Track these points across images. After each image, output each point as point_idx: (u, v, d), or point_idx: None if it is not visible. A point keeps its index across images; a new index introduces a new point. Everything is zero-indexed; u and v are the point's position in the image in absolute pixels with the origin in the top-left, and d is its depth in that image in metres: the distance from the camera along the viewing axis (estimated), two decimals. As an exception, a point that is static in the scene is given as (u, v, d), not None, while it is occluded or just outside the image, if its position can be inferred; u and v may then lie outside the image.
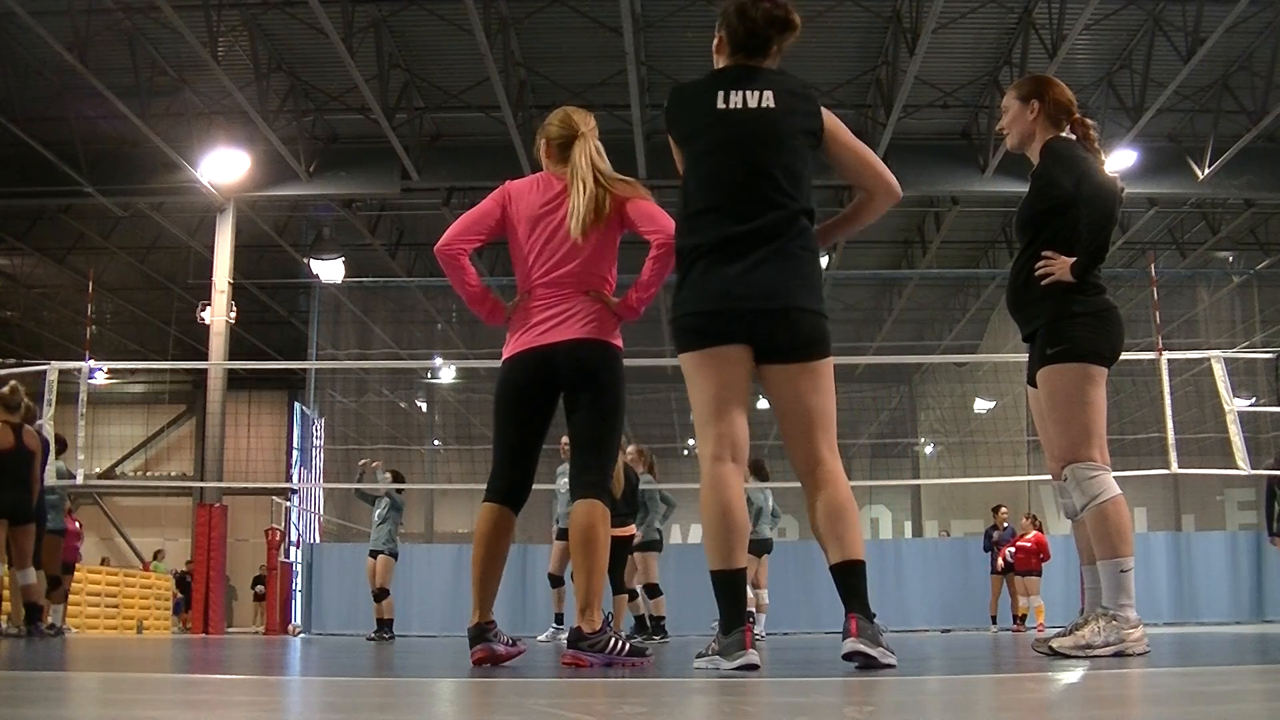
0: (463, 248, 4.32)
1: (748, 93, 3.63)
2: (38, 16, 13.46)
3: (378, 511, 11.96)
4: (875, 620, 3.48)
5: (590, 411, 4.22)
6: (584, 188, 4.19)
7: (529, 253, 4.29)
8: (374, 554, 11.91)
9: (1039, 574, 15.19)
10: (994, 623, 15.45)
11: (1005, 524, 15.89)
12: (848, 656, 3.40)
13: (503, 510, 4.28)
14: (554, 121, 4.40)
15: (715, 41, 3.76)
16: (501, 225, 4.37)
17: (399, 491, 12.27)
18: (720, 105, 3.63)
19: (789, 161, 3.62)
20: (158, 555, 25.93)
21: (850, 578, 3.49)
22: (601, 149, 4.32)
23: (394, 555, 11.94)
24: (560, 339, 4.18)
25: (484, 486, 4.37)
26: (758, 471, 11.62)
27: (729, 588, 3.54)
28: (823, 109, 3.75)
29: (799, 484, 3.71)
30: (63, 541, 12.45)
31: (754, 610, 11.19)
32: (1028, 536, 15.38)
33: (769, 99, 3.63)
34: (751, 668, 3.43)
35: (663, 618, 10.99)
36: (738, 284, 3.52)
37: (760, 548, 11.24)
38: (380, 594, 11.94)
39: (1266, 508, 12.17)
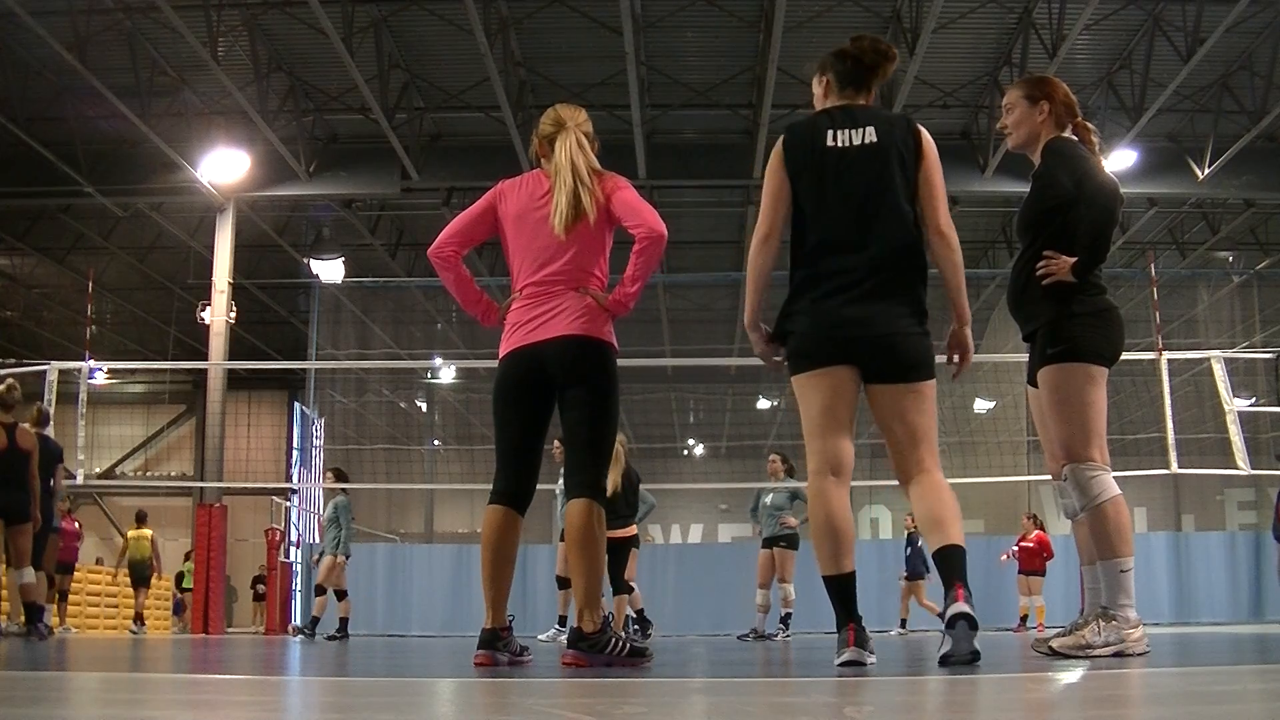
0: (455, 250, 4.32)
1: (852, 131, 3.85)
2: (38, 16, 13.44)
3: (326, 513, 12.01)
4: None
5: (582, 410, 4.19)
6: (565, 184, 4.18)
7: (518, 251, 4.28)
8: (324, 555, 11.94)
9: (1042, 574, 15.18)
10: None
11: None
12: (954, 618, 3.52)
13: (507, 512, 4.25)
14: (545, 119, 4.40)
15: (822, 86, 3.99)
16: (494, 225, 4.36)
17: (344, 492, 12.29)
18: (829, 143, 3.85)
19: (892, 195, 3.80)
20: (189, 558, 25.67)
21: (952, 559, 3.66)
22: (585, 143, 4.28)
23: (344, 556, 11.91)
24: (549, 336, 4.16)
25: (484, 486, 4.36)
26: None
27: (837, 590, 3.77)
28: (922, 132, 3.91)
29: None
30: (59, 541, 12.46)
31: (785, 609, 11.15)
32: (1030, 537, 15.38)
33: (871, 134, 3.84)
34: (855, 665, 3.59)
35: (640, 610, 10.91)
36: (843, 316, 3.75)
37: (771, 542, 11.17)
38: (329, 592, 11.94)
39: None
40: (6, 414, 9.21)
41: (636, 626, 10.98)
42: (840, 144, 3.83)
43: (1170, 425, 12.67)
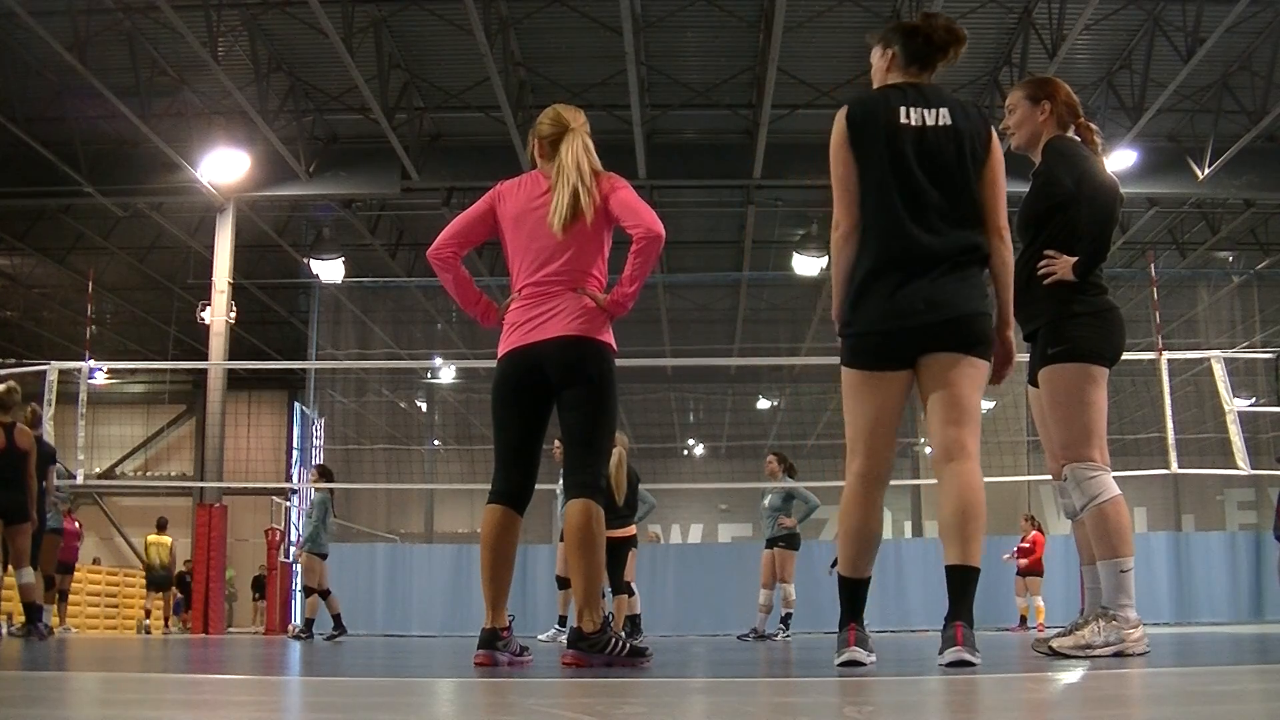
0: (454, 251, 4.33)
1: (926, 110, 3.69)
2: (38, 16, 13.44)
3: (305, 509, 11.94)
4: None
5: (580, 410, 4.19)
6: (567, 183, 4.18)
7: (516, 252, 4.29)
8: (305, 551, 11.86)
9: (1040, 574, 15.20)
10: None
11: None
12: (951, 665, 3.44)
13: (506, 512, 4.25)
14: (545, 119, 4.39)
15: (885, 59, 3.83)
16: (493, 226, 4.37)
17: (330, 492, 12.26)
18: (903, 120, 3.68)
19: (967, 180, 3.68)
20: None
21: (963, 584, 3.55)
22: (590, 145, 4.30)
23: (320, 555, 11.82)
24: (546, 336, 4.17)
25: (484, 486, 4.36)
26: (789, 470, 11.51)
27: (850, 592, 3.75)
28: (991, 124, 3.80)
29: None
30: (60, 541, 12.50)
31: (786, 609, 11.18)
32: (1027, 538, 15.39)
33: (945, 116, 3.70)
34: (854, 665, 3.57)
35: (637, 616, 10.85)
36: (913, 300, 3.59)
37: (771, 543, 11.20)
38: (316, 593, 11.88)
39: None
40: (5, 414, 9.23)
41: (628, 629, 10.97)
42: (915, 122, 3.67)
43: (1170, 425, 12.66)
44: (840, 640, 3.66)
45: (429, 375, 27.21)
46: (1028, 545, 15.28)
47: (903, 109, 3.68)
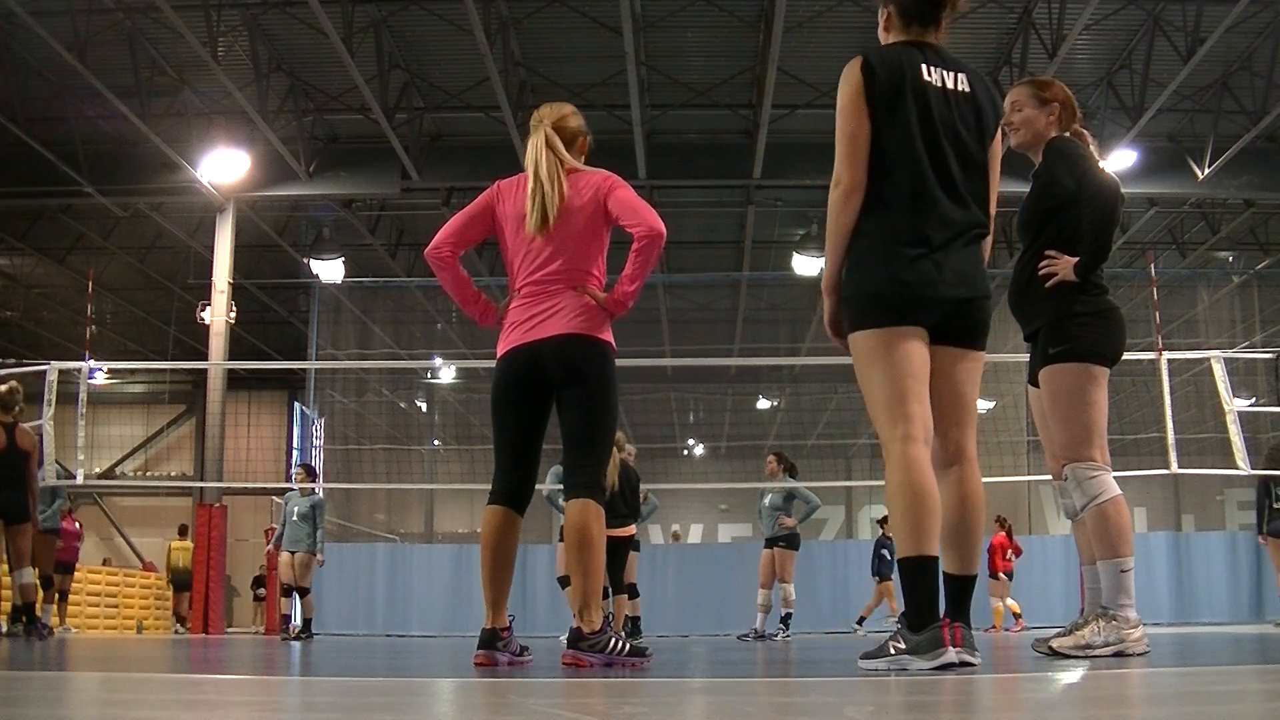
0: (452, 250, 4.32)
1: (946, 72, 3.46)
2: (38, 16, 13.44)
3: (298, 509, 11.85)
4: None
5: (580, 409, 4.19)
6: (532, 184, 4.18)
7: (516, 251, 4.29)
8: (292, 551, 11.78)
9: (997, 577, 15.22)
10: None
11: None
12: (949, 664, 3.38)
13: (506, 512, 4.25)
14: (532, 118, 4.42)
15: (884, 18, 3.57)
16: (492, 224, 4.37)
17: (313, 491, 12.25)
18: (927, 78, 3.42)
19: (978, 150, 3.50)
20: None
21: (963, 591, 3.50)
22: (554, 140, 4.26)
23: (314, 554, 11.83)
24: (546, 335, 4.16)
25: (484, 486, 4.36)
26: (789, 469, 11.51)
27: (919, 576, 3.25)
28: (1001, 112, 3.67)
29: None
30: (56, 541, 12.49)
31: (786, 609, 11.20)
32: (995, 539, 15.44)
33: (964, 83, 3.49)
34: (953, 667, 3.16)
35: (638, 618, 10.89)
36: (942, 270, 3.35)
37: (771, 543, 11.22)
38: (301, 592, 11.86)
39: (1259, 506, 12.18)
40: (7, 414, 9.22)
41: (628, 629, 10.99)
42: (937, 82, 3.42)
43: (1170, 425, 12.65)
44: (930, 639, 3.20)
45: (429, 375, 27.20)
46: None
47: (924, 65, 3.42)
